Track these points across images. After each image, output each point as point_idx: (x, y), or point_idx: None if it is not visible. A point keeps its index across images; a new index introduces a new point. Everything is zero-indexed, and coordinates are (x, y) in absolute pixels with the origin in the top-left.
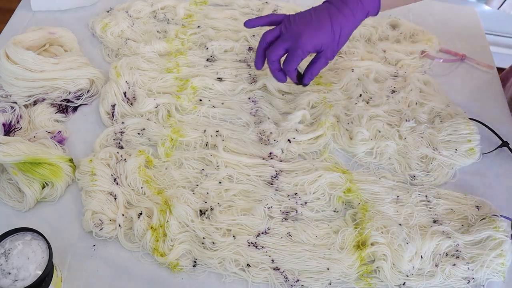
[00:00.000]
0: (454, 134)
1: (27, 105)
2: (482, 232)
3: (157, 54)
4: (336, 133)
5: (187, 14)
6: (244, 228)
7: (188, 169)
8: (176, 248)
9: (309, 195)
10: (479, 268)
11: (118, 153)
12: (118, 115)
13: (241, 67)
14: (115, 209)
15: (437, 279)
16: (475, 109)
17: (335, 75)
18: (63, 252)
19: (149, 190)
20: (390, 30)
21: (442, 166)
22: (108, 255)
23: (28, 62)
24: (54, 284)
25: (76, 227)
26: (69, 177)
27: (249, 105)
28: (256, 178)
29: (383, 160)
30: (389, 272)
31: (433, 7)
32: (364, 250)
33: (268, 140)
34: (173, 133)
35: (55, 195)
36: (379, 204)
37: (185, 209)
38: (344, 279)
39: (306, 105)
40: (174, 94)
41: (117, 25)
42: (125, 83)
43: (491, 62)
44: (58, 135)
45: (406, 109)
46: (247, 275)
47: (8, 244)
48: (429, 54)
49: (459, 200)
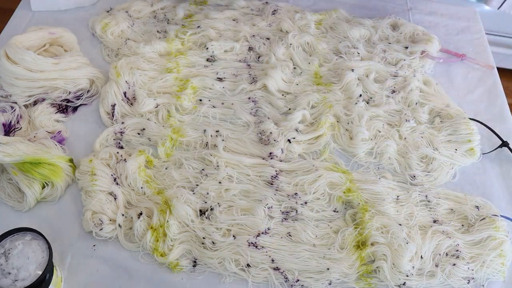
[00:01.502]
0: (454, 134)
1: (27, 105)
2: (482, 232)
3: (157, 54)
4: (336, 133)
5: (187, 14)
6: (244, 228)
7: (188, 169)
8: (176, 248)
9: (309, 195)
10: (479, 268)
11: (118, 153)
12: (118, 115)
13: (241, 67)
14: (115, 209)
15: (437, 279)
16: (475, 109)
17: (335, 75)
18: (63, 252)
19: (149, 190)
20: (390, 30)
21: (442, 166)
22: (108, 255)
23: (28, 62)
24: (54, 284)
25: (76, 227)
26: (69, 177)
27: (249, 105)
28: (256, 178)
29: (383, 160)
30: (389, 272)
31: (433, 7)
32: (364, 250)
33: (268, 140)
34: (173, 133)
35: (55, 195)
36: (379, 204)
37: (185, 209)
38: (344, 279)
39: (306, 105)
40: (174, 94)
41: (117, 25)
42: (125, 83)
43: (491, 62)
44: (58, 135)
45: (406, 109)
46: (247, 275)
47: (8, 244)
48: (429, 54)
49: (459, 200)
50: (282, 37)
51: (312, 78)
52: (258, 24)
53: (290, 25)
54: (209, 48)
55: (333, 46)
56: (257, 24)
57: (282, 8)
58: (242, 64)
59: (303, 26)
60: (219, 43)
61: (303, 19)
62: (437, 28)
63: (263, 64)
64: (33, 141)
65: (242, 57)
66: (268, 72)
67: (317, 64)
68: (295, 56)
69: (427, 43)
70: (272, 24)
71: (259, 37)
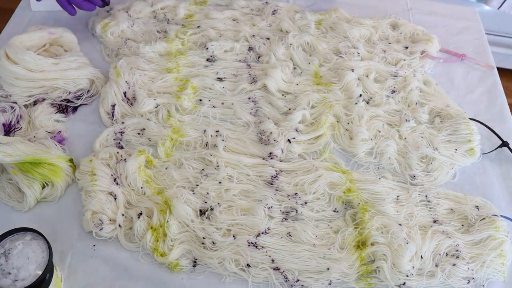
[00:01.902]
0: (454, 134)
1: (27, 105)
2: (482, 232)
3: (157, 54)
4: (336, 133)
5: (187, 14)
6: (244, 228)
7: (188, 169)
8: (176, 248)
9: (309, 195)
10: (479, 268)
11: (118, 153)
12: (118, 115)
13: (241, 67)
14: (115, 209)
15: (437, 279)
16: (475, 109)
17: (335, 75)
18: (63, 252)
19: (149, 190)
20: (390, 30)
21: (442, 166)
22: (108, 255)
23: (28, 62)
24: (54, 284)
25: (76, 227)
26: (69, 177)
27: (249, 105)
28: (256, 178)
29: (383, 160)
30: (389, 272)
31: (433, 7)
32: (364, 250)
33: (268, 140)
34: (173, 133)
35: (55, 195)
36: (379, 204)
37: (185, 209)
38: (344, 279)
39: (306, 105)
40: (174, 94)
41: (117, 25)
42: (125, 83)
43: (491, 62)
44: (58, 135)
45: (406, 109)
46: (247, 275)
47: (8, 244)
48: (429, 54)
49: (459, 200)
50: (282, 37)
51: (312, 78)
52: (258, 24)
53: (290, 25)
54: (209, 48)
55: (333, 46)
56: (257, 24)
57: (282, 8)
58: (242, 64)
59: (303, 26)
60: (219, 43)
61: (303, 19)
62: (437, 28)
63: (263, 64)
64: (33, 141)
65: (242, 57)
66: (268, 72)
67: (317, 64)
68: (295, 56)
69: (427, 43)
70: (272, 24)
71: (259, 37)
